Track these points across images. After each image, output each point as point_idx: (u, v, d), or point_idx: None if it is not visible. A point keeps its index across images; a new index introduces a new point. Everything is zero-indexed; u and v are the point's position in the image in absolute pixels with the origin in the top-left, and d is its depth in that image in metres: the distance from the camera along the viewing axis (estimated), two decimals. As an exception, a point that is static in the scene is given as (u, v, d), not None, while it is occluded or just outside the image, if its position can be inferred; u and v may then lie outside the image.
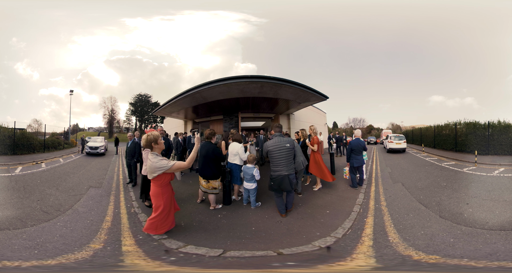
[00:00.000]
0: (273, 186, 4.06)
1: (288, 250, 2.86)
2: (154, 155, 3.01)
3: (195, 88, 8.12)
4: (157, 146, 3.07)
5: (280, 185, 3.99)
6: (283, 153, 4.04)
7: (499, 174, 7.21)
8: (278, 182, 3.99)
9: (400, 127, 44.85)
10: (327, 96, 9.87)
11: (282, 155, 4.03)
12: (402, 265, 2.53)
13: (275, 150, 4.06)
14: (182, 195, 5.21)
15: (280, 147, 4.06)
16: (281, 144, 4.09)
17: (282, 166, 4.01)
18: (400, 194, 5.28)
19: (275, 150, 4.06)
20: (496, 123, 13.15)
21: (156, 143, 3.06)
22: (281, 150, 4.04)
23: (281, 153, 4.04)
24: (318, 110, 19.20)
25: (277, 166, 4.04)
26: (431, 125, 19.49)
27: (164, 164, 2.92)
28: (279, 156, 4.03)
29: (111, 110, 39.39)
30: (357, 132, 5.94)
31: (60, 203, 4.69)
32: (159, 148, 3.10)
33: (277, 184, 4.01)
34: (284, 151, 4.04)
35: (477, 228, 3.41)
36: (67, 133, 23.78)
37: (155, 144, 3.05)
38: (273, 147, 4.08)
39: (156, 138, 3.06)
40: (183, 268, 2.51)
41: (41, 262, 2.54)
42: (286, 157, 4.05)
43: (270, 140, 4.22)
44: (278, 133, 4.31)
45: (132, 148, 6.31)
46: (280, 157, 4.03)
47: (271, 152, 4.09)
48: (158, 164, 2.91)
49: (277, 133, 4.32)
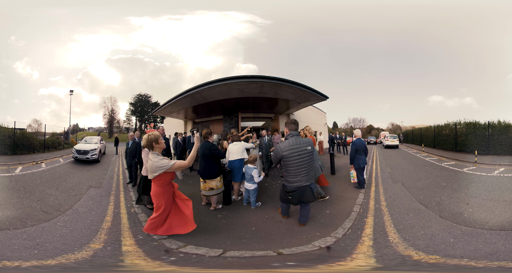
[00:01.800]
0: (292, 200, 3.33)
1: (288, 250, 2.86)
2: (155, 154, 3.02)
3: (195, 88, 8.11)
4: (157, 146, 3.08)
5: (301, 198, 3.27)
6: (304, 159, 3.20)
7: (499, 174, 7.21)
8: (298, 195, 3.24)
9: (400, 127, 44.89)
10: (327, 96, 9.86)
11: (303, 161, 3.19)
12: (402, 265, 2.53)
13: (293, 155, 3.17)
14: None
15: (300, 151, 3.19)
16: (300, 147, 3.21)
17: (302, 175, 3.20)
18: (400, 194, 5.28)
19: (293, 155, 3.17)
20: (496, 123, 13.16)
21: (157, 143, 3.07)
22: (301, 155, 3.19)
23: (301, 159, 3.19)
24: (318, 110, 19.21)
25: (295, 176, 3.21)
26: (431, 125, 19.50)
27: (165, 163, 2.92)
28: (299, 163, 3.18)
29: (111, 110, 39.42)
30: (357, 132, 5.87)
31: (60, 203, 4.69)
32: (159, 148, 3.10)
33: (296, 198, 3.27)
34: (304, 155, 3.20)
35: (477, 228, 3.41)
36: (67, 133, 23.79)
37: (156, 143, 3.06)
38: (290, 151, 3.18)
39: (157, 138, 3.07)
40: (183, 268, 2.51)
41: (41, 262, 2.54)
42: (307, 164, 3.23)
43: (285, 142, 3.31)
44: (294, 132, 3.37)
45: (132, 148, 6.32)
46: (300, 163, 3.19)
47: (287, 158, 3.19)
48: (159, 163, 2.91)
49: (293, 132, 3.37)
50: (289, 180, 3.29)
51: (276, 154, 3.31)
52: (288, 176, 3.29)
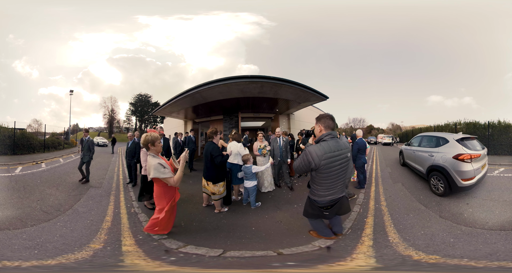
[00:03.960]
0: (328, 216, 2.78)
1: (288, 250, 2.86)
2: (152, 156, 3.00)
3: (195, 88, 8.12)
4: (153, 148, 3.03)
5: (338, 212, 2.79)
6: (344, 168, 2.59)
7: (499, 174, 7.20)
8: (336, 209, 2.73)
9: (400, 127, 44.90)
10: (327, 96, 9.87)
11: (343, 171, 2.59)
12: (402, 265, 2.52)
13: (333, 164, 2.48)
14: (182, 195, 5.15)
15: (341, 158, 2.54)
16: (342, 153, 2.54)
17: (340, 186, 2.64)
18: (400, 194, 5.28)
19: (333, 165, 2.49)
20: (496, 123, 13.16)
21: (153, 145, 3.02)
22: (342, 163, 2.55)
23: (342, 169, 2.57)
24: (318, 110, 19.16)
25: (331, 188, 2.60)
26: (431, 125, 19.50)
27: (163, 172, 2.88)
28: (338, 173, 2.56)
29: (111, 110, 39.43)
30: (359, 132, 5.95)
31: (60, 203, 4.69)
32: (155, 150, 3.05)
33: (334, 213, 2.76)
34: (345, 164, 2.60)
35: (477, 228, 3.41)
36: (67, 133, 23.81)
37: (151, 145, 3.02)
38: (330, 159, 2.45)
39: (154, 140, 3.02)
40: (183, 268, 2.51)
41: (41, 262, 2.54)
42: (346, 172, 2.65)
43: (321, 146, 2.47)
44: (333, 131, 2.57)
45: (132, 148, 6.32)
46: (339, 174, 2.57)
47: (324, 168, 2.47)
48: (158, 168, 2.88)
49: (332, 131, 2.56)
50: (320, 194, 2.64)
51: (307, 162, 2.47)
52: (320, 190, 2.63)
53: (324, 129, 2.58)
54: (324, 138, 2.55)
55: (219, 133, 4.60)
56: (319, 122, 2.62)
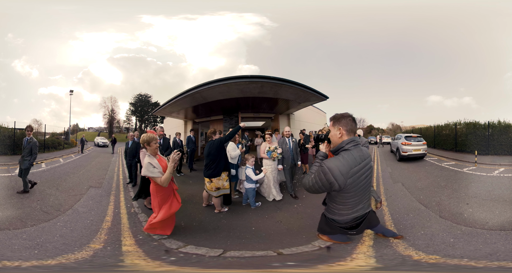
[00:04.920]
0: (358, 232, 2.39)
1: (288, 250, 2.86)
2: (147, 155, 3.05)
3: (195, 88, 8.12)
4: (149, 148, 3.08)
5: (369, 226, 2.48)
6: (369, 178, 2.19)
7: (499, 174, 7.20)
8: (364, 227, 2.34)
9: (400, 127, 44.85)
10: (327, 96, 9.86)
11: (368, 183, 2.18)
12: (402, 265, 2.52)
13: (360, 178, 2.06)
14: (182, 195, 5.15)
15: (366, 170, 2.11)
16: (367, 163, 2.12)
17: (366, 201, 2.25)
18: (400, 194, 5.28)
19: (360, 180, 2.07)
20: (496, 123, 13.16)
21: (148, 145, 3.07)
22: (368, 175, 2.15)
23: (368, 180, 2.16)
24: (318, 110, 19.16)
25: (357, 205, 2.18)
26: (431, 125, 19.49)
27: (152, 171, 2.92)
28: (365, 187, 2.15)
29: (111, 110, 39.41)
30: (360, 132, 5.94)
31: (60, 203, 4.69)
32: (151, 150, 3.10)
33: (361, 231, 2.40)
34: (370, 173, 2.20)
35: (477, 228, 3.41)
36: (67, 133, 23.78)
37: (147, 145, 3.08)
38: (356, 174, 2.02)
39: (150, 140, 3.06)
40: (183, 268, 2.51)
41: (41, 262, 2.53)
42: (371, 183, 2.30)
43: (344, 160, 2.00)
44: (354, 137, 2.11)
45: (132, 148, 6.33)
46: (366, 187, 2.17)
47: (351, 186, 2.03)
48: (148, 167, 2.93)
49: (355, 137, 2.11)
50: (342, 213, 2.21)
51: (327, 183, 2.00)
52: (343, 209, 2.20)
53: (346, 133, 2.08)
54: (346, 146, 2.05)
55: (219, 133, 4.64)
56: (338, 124, 2.10)
